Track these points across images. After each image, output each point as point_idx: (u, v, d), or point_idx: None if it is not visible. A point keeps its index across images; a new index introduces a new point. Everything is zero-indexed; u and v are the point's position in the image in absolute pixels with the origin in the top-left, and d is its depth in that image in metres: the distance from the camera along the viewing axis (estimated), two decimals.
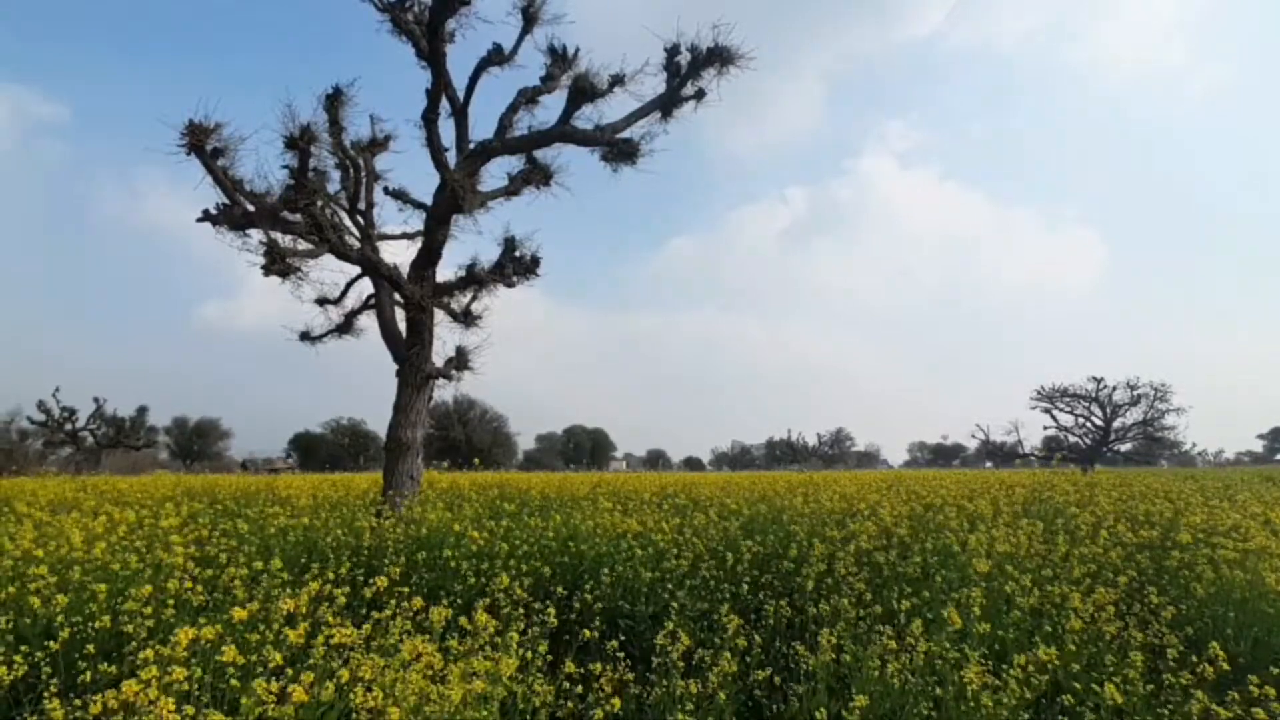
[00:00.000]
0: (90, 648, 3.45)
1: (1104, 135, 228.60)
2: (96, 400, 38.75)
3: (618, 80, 8.16)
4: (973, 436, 40.08)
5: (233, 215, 7.48)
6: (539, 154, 8.61)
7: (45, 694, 3.03)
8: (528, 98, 8.53)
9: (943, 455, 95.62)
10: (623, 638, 4.24)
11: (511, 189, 8.64)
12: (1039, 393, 36.55)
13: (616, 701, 3.15)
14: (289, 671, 2.83)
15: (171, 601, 3.86)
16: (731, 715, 3.29)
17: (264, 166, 7.78)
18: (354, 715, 2.55)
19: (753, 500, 8.38)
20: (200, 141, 7.12)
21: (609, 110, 8.23)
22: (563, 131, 8.18)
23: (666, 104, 8.10)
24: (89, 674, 3.24)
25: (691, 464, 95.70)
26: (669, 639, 3.53)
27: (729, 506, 7.59)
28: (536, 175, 8.60)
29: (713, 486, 11.78)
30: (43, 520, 5.79)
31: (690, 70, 7.99)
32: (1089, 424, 35.33)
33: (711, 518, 6.58)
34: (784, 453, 65.33)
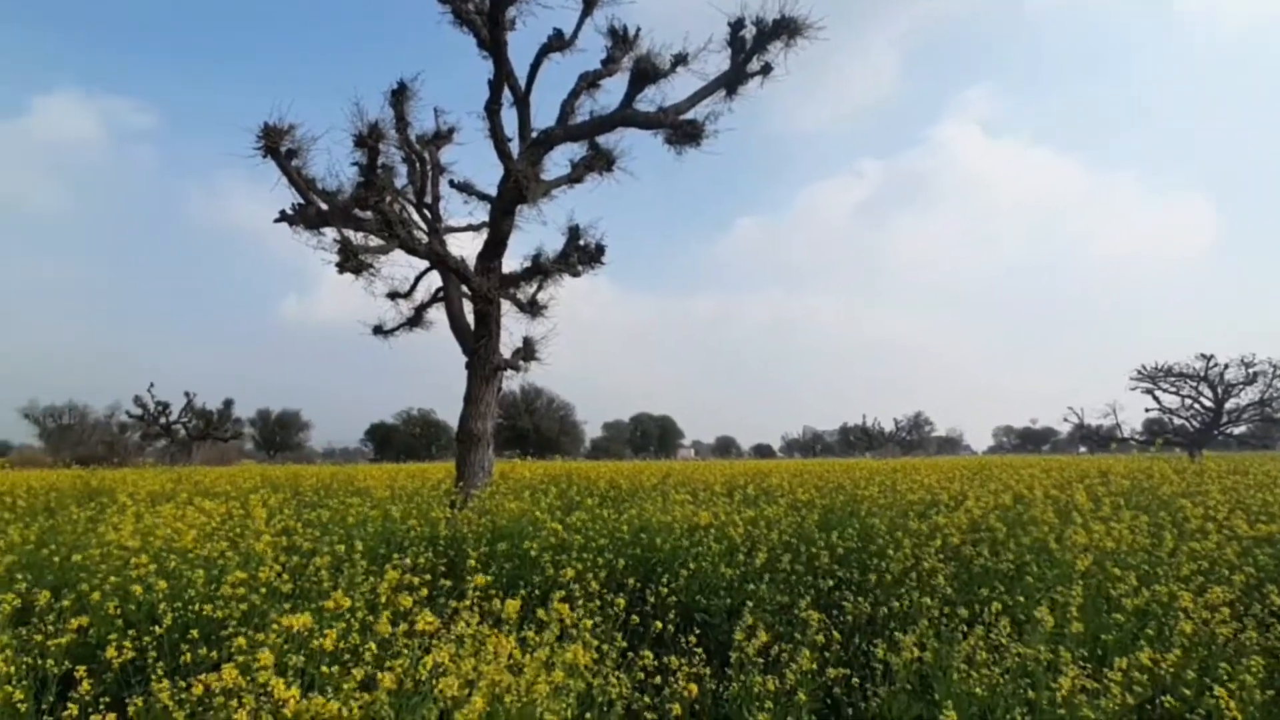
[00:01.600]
0: (195, 632, 3.75)
1: (1218, 92, 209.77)
2: (187, 395, 41.88)
3: (680, 59, 8.06)
4: (1065, 420, 37.78)
5: (307, 214, 7.85)
6: (601, 139, 8.63)
7: (153, 676, 3.32)
8: (589, 82, 8.55)
9: (1031, 440, 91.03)
10: (698, 632, 4.26)
11: (574, 176, 8.71)
12: (1140, 371, 34.09)
13: (693, 688, 3.18)
14: (373, 658, 2.99)
15: (263, 589, 4.13)
16: (809, 714, 3.25)
17: (335, 165, 8.14)
18: (436, 702, 2.66)
19: (828, 490, 8.24)
20: (275, 143, 7.49)
21: (672, 91, 8.16)
22: (625, 115, 8.16)
23: (731, 81, 7.96)
24: (189, 656, 3.51)
25: (761, 451, 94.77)
26: (746, 634, 3.52)
27: (802, 497, 7.49)
28: (599, 161, 8.63)
29: (784, 475, 11.60)
30: (142, 511, 6.29)
31: (756, 44, 7.80)
32: (1197, 405, 32.63)
33: (785, 509, 6.53)
34: (859, 439, 63.51)
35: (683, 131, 8.02)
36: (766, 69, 7.93)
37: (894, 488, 8.10)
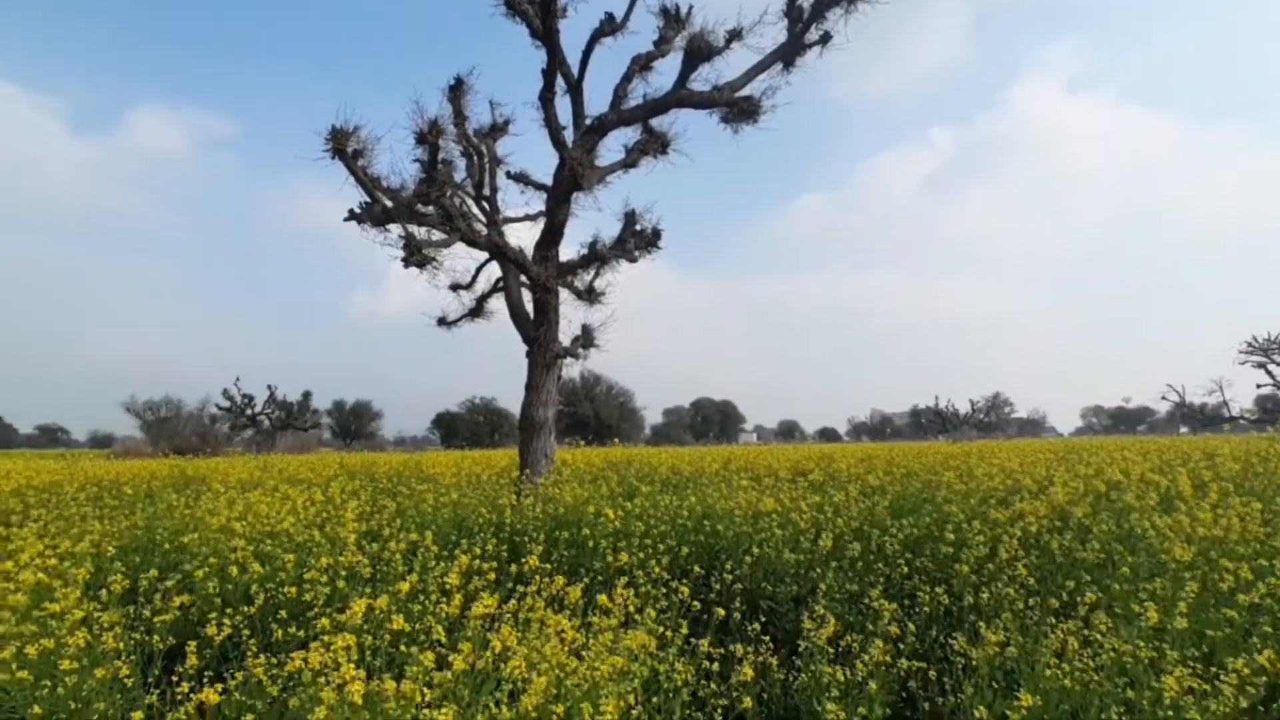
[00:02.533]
0: (284, 613, 3.98)
1: None
2: (269, 387, 44.49)
3: (735, 35, 7.87)
4: (1163, 398, 35.51)
5: (373, 212, 8.10)
6: (655, 122, 8.54)
7: (249, 652, 3.55)
8: (641, 64, 8.46)
9: (1125, 421, 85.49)
10: (763, 619, 4.22)
11: (629, 161, 8.67)
12: (1251, 344, 31.49)
13: (750, 672, 3.15)
14: (445, 641, 3.10)
15: (345, 573, 4.35)
16: (883, 706, 3.17)
17: (397, 163, 8.38)
18: (503, 684, 2.73)
19: (899, 476, 7.95)
20: (342, 145, 7.74)
21: (726, 68, 7.97)
22: (679, 96, 8.05)
23: (789, 54, 7.71)
24: (281, 634, 3.74)
25: (827, 435, 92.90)
26: (815, 623, 3.46)
27: (872, 483, 7.26)
28: (653, 144, 8.55)
29: (852, 460, 11.28)
30: (234, 498, 6.71)
31: (814, 13, 7.53)
32: None
33: (853, 495, 6.35)
34: (931, 422, 61.14)
35: (739, 109, 7.85)
36: (825, 38, 7.64)
37: (971, 473, 7.73)
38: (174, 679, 3.27)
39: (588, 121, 8.54)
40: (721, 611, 3.90)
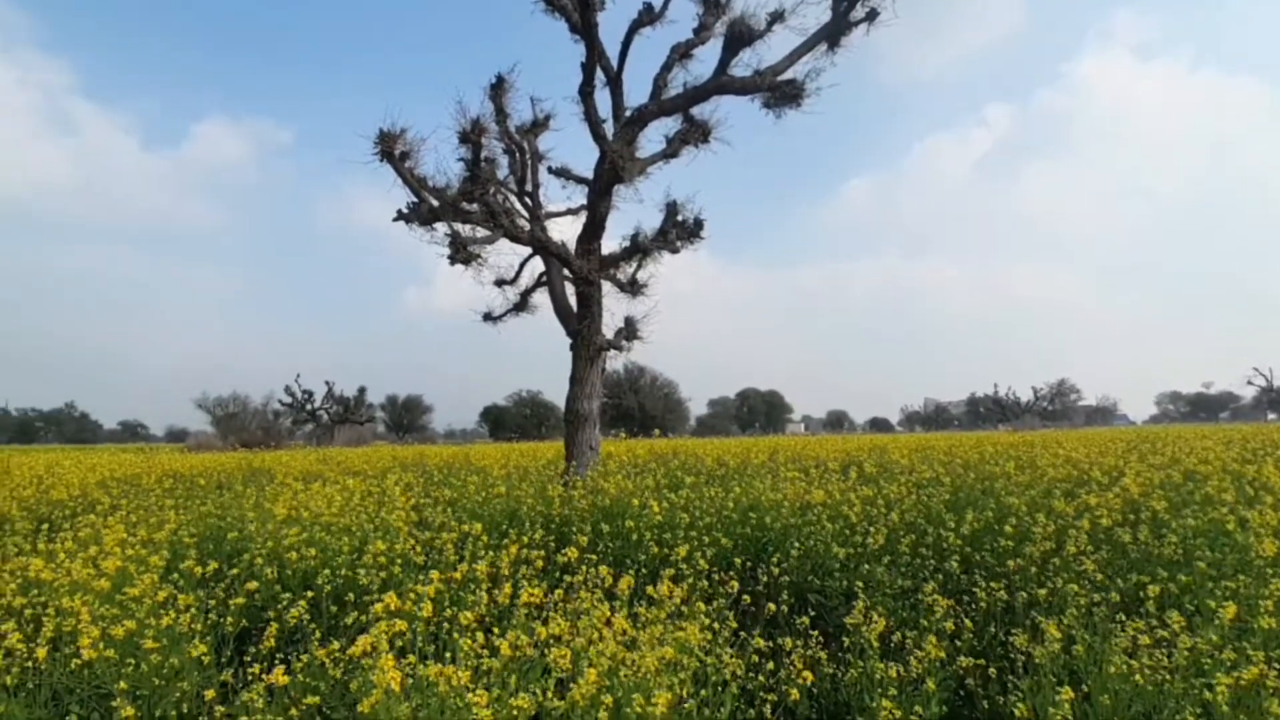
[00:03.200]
0: (350, 596, 4.13)
1: None
2: (327, 383, 46.31)
3: (777, 17, 7.71)
4: (1249, 382, 33.33)
5: (420, 212, 8.29)
6: (696, 111, 8.46)
7: (313, 636, 3.70)
8: (681, 53, 8.38)
9: (1205, 407, 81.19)
10: (813, 613, 4.17)
11: (670, 151, 8.62)
12: None
13: (809, 675, 3.12)
14: (495, 629, 3.17)
15: (400, 560, 4.49)
16: (939, 704, 3.09)
17: (442, 162, 8.54)
18: (551, 672, 2.78)
19: (955, 467, 7.68)
20: (390, 147, 7.94)
21: (768, 52, 7.81)
22: (719, 83, 7.95)
23: (833, 33, 7.52)
24: (341, 619, 3.90)
25: (878, 425, 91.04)
26: (864, 618, 3.40)
27: (925, 474, 7.04)
28: (694, 133, 8.48)
29: (905, 450, 11.03)
30: (297, 489, 7.00)
31: None
32: None
33: (907, 487, 6.16)
34: (990, 410, 59.03)
35: (782, 93, 7.70)
36: (872, 15, 7.42)
37: (1034, 463, 7.39)
38: (244, 660, 3.45)
39: (628, 113, 8.52)
40: (772, 607, 3.88)
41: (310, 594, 4.20)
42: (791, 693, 3.07)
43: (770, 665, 3.30)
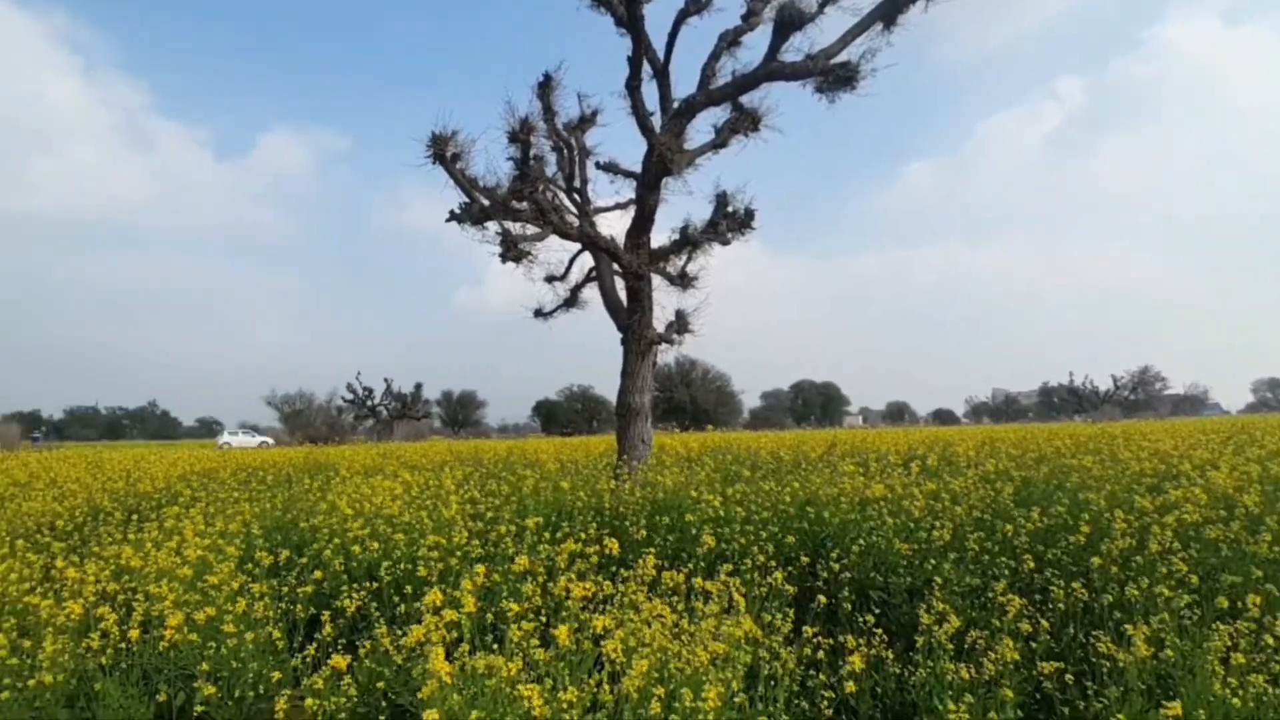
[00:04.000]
0: (408, 588, 4.27)
1: None
2: (386, 380, 47.92)
3: None
4: None
5: (472, 212, 8.45)
6: (745, 99, 8.32)
7: (376, 623, 3.84)
8: (729, 41, 8.25)
9: None
10: (876, 611, 4.07)
11: (719, 141, 8.50)
12: None
13: (858, 661, 3.04)
14: (550, 621, 3.20)
15: (458, 553, 4.60)
16: (1015, 708, 2.97)
17: (492, 162, 8.67)
18: (604, 665, 2.79)
19: (1026, 461, 7.33)
20: (442, 150, 8.09)
21: (820, 35, 7.59)
22: (769, 69, 7.79)
23: (889, 11, 7.25)
24: (404, 608, 4.02)
25: (942, 417, 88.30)
26: (935, 617, 3.29)
27: (993, 468, 6.76)
28: (744, 122, 8.34)
29: (971, 443, 10.59)
30: (359, 483, 7.26)
31: None
32: None
33: (973, 481, 5.92)
34: (1065, 400, 56.05)
35: (835, 77, 7.48)
36: None
37: (1114, 456, 6.99)
38: (313, 644, 3.60)
39: (675, 105, 8.45)
40: (823, 599, 3.81)
41: (373, 584, 4.36)
42: (849, 686, 3.00)
43: (827, 661, 3.24)
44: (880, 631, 3.50)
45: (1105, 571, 3.98)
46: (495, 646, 2.84)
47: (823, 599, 3.82)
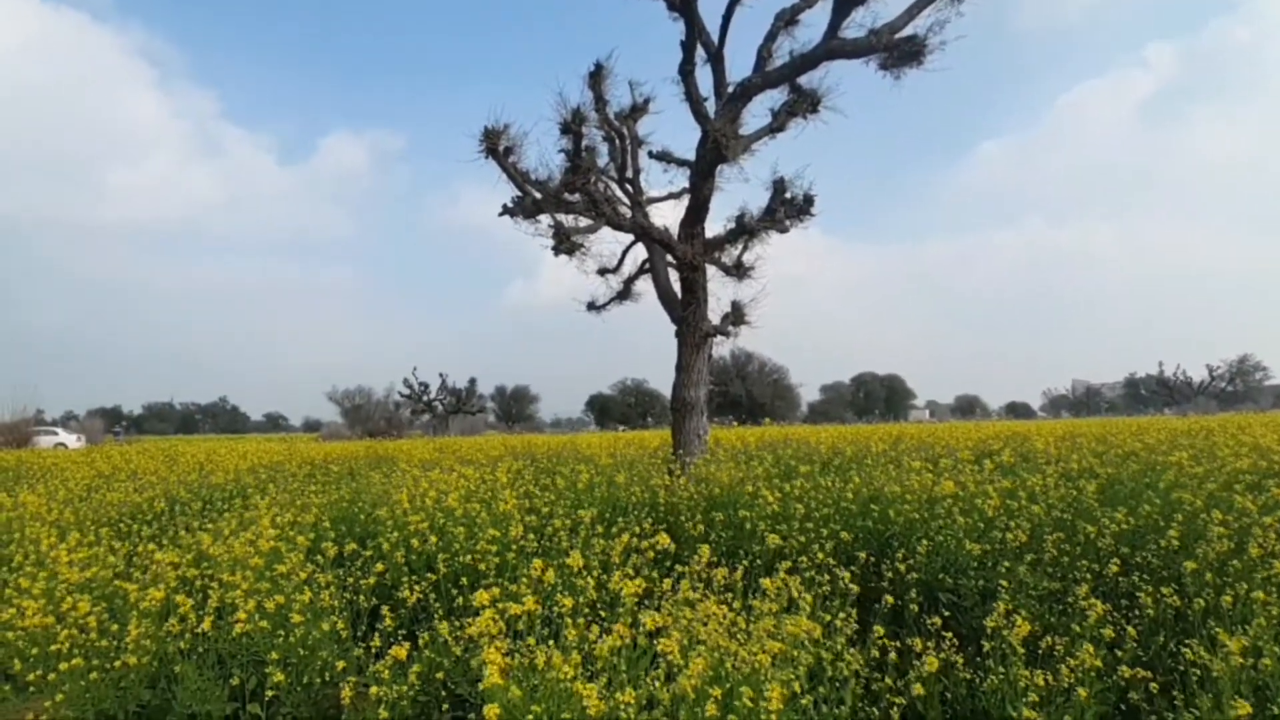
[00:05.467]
0: (464, 580, 4.42)
1: None
2: (441, 375, 49.24)
3: None
4: None
5: (525, 205, 8.56)
6: (803, 80, 8.16)
7: (436, 615, 3.98)
8: (786, 20, 8.11)
9: None
10: (946, 614, 3.97)
11: (775, 125, 8.37)
12: None
13: (933, 662, 2.97)
14: (605, 615, 3.25)
15: (515, 547, 4.72)
16: (1095, 717, 2.85)
17: (544, 154, 8.73)
18: (659, 662, 2.81)
19: (1111, 458, 7.00)
20: (494, 144, 8.24)
21: (883, 9, 7.36)
22: (829, 47, 7.60)
23: None
24: (462, 600, 4.16)
25: (1016, 410, 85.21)
26: (1005, 621, 3.18)
27: (1075, 465, 6.48)
28: (802, 104, 8.18)
29: (1050, 438, 10.17)
30: (418, 476, 7.50)
31: None
32: None
33: (1052, 479, 5.69)
34: (1155, 392, 53.04)
35: (900, 52, 7.23)
36: None
37: (1211, 453, 6.61)
38: (376, 633, 3.77)
39: (730, 89, 8.36)
40: (889, 599, 3.73)
41: (432, 576, 4.52)
42: (916, 688, 2.94)
43: (896, 661, 3.18)
44: (950, 635, 3.41)
45: (1199, 576, 3.77)
46: (551, 641, 2.90)
47: (889, 599, 3.74)
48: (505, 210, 8.64)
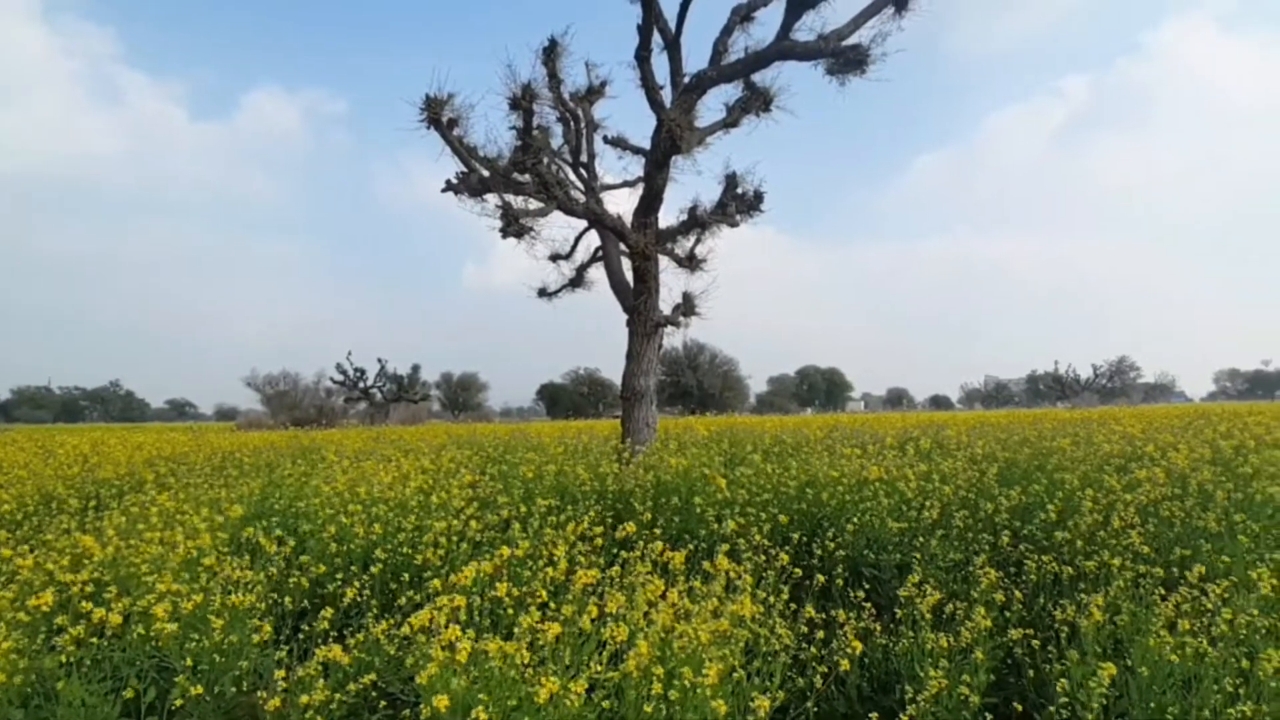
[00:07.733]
0: (405, 576, 4.37)
1: None
2: (380, 360, 47.72)
3: None
4: None
5: (470, 182, 8.38)
6: (757, 77, 8.47)
7: (369, 613, 3.95)
8: (742, 15, 8.38)
9: (1263, 385, 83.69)
10: (867, 587, 4.37)
11: (730, 120, 8.64)
12: None
13: (858, 645, 3.30)
14: (552, 605, 3.36)
15: (457, 538, 4.77)
16: (987, 674, 3.24)
17: (493, 131, 8.64)
18: (607, 646, 3.00)
19: (1011, 444, 7.97)
20: (437, 114, 7.96)
21: (833, 15, 7.75)
22: (781, 47, 7.91)
23: None
24: (402, 599, 4.06)
25: (938, 403, 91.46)
26: (917, 590, 3.67)
27: (981, 451, 7.36)
28: (755, 101, 8.47)
29: (962, 428, 11.36)
30: (349, 466, 7.15)
31: None
32: None
33: (962, 463, 6.49)
34: (1050, 388, 58.06)
35: (845, 59, 7.62)
36: None
37: (1089, 440, 7.68)
38: (300, 635, 3.69)
39: (686, 79, 8.54)
40: (821, 578, 4.09)
41: (369, 573, 4.44)
42: (843, 663, 3.25)
43: (822, 636, 3.49)
44: (869, 605, 3.90)
45: (1072, 545, 4.51)
46: (493, 631, 2.96)
47: (820, 577, 4.11)
48: (449, 186, 8.36)
